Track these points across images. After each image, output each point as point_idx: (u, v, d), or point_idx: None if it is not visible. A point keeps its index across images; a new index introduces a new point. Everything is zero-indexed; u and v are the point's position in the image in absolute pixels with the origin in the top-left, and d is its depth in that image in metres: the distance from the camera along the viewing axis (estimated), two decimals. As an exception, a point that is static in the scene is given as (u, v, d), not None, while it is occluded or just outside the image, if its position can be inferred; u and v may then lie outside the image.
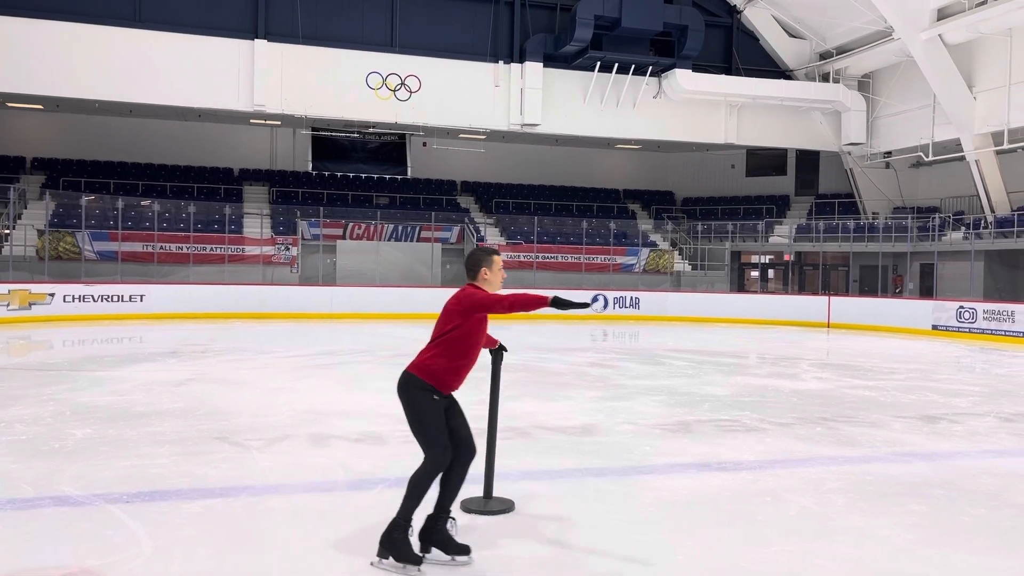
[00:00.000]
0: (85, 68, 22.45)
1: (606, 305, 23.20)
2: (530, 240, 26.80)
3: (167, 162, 28.29)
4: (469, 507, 4.77)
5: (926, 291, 25.78)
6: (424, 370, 3.96)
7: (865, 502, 5.17)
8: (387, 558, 3.87)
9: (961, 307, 19.61)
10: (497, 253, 4.19)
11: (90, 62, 22.49)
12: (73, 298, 19.37)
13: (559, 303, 3.76)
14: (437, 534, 3.99)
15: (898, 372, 12.35)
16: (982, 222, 24.53)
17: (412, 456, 6.13)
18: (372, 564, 3.89)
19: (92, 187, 25.66)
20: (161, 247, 23.34)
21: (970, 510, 5.09)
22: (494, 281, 4.12)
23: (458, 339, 3.97)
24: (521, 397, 8.78)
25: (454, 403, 4.10)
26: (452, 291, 4.24)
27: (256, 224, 25.18)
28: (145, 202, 24.79)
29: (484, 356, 4.92)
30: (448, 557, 3.96)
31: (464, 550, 3.98)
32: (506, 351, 4.80)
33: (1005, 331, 18.37)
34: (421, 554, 3.92)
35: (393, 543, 3.87)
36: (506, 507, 4.80)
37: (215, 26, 23.64)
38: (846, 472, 5.96)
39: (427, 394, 3.95)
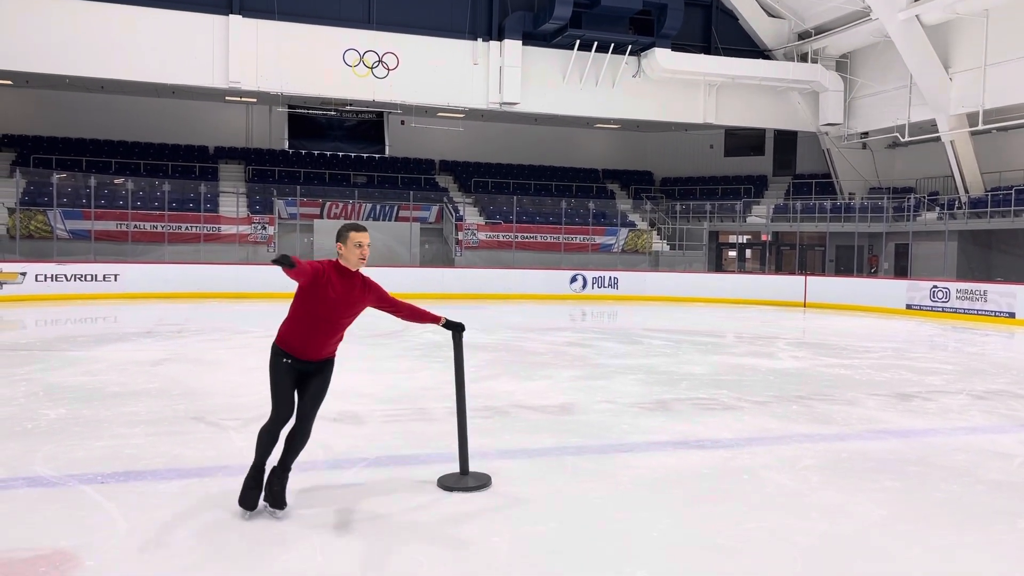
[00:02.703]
0: (56, 43, 21.98)
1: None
2: (509, 220, 26.73)
3: (141, 139, 27.84)
4: (445, 483, 4.78)
5: (901, 271, 26.07)
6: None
7: (840, 479, 5.22)
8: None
9: (935, 287, 19.83)
10: (355, 229, 4.40)
11: (61, 37, 22.01)
12: (45, 277, 19.08)
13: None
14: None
15: (873, 351, 12.48)
16: (956, 203, 24.79)
17: (392, 436, 6.15)
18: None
19: (64, 164, 25.23)
20: (135, 226, 23.00)
21: (943, 486, 5.16)
22: (348, 256, 4.45)
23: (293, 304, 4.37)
24: (499, 376, 8.77)
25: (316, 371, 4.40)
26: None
27: (232, 203, 24.88)
28: (118, 180, 24.39)
29: (443, 335, 4.92)
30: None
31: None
32: (458, 329, 4.84)
33: (977, 310, 18.63)
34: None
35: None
36: (483, 483, 4.80)
37: (189, 1, 23.22)
38: (822, 449, 6.02)
39: (275, 357, 4.30)
